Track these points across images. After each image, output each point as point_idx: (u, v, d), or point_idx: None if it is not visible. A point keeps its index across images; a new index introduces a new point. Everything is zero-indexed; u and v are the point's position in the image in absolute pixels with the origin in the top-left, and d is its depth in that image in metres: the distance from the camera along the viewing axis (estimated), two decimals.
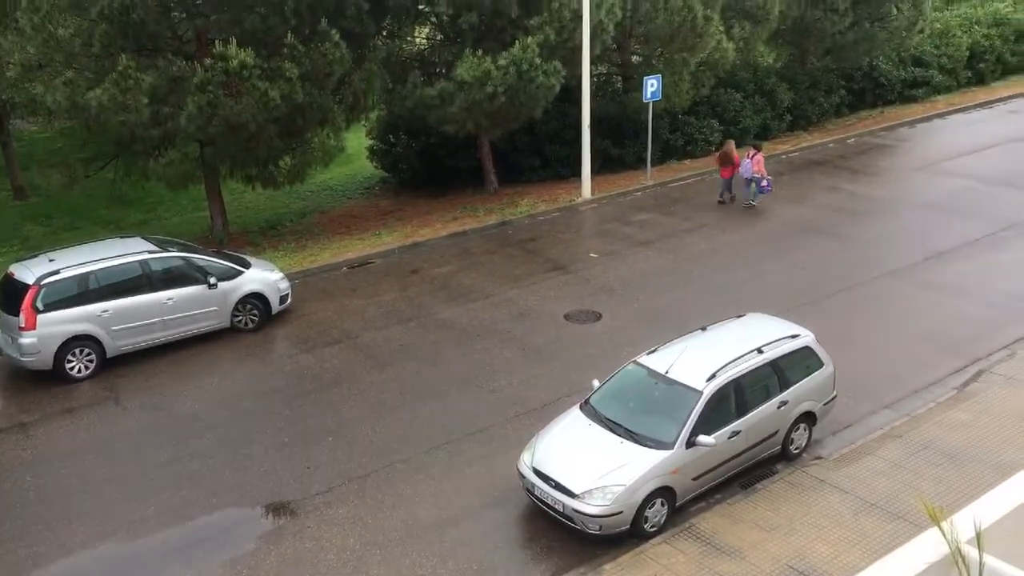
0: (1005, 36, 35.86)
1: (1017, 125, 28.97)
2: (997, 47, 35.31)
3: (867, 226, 20.93)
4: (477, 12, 20.98)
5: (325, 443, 12.92)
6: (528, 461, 11.07)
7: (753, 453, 11.54)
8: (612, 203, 23.32)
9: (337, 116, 21.09)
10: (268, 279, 16.80)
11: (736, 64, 27.25)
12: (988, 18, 36.30)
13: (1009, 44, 35.91)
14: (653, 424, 10.95)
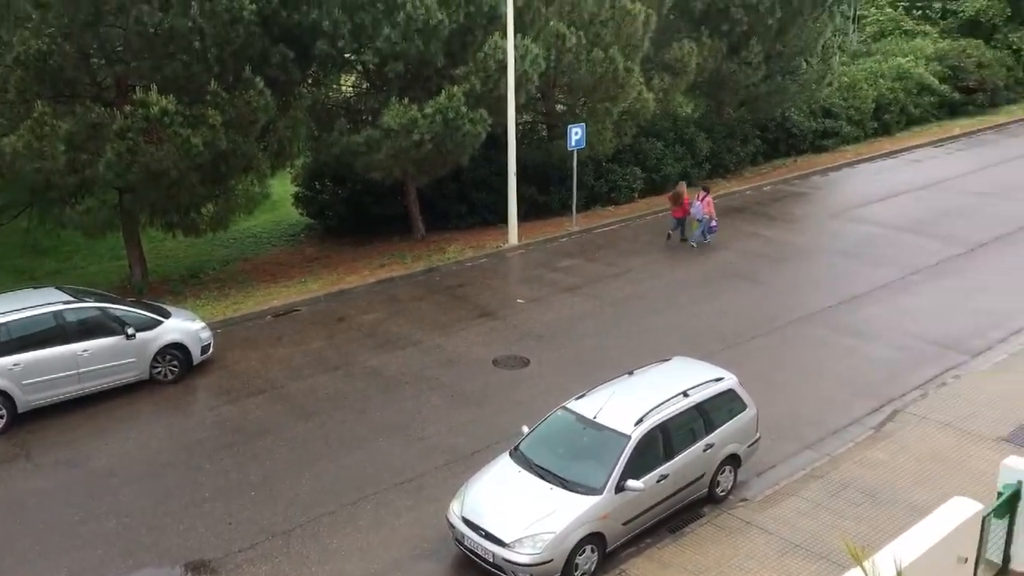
0: (908, 89, 37.75)
1: (921, 174, 30.38)
2: (901, 99, 37.12)
3: (785, 271, 21.59)
4: (403, 61, 21.14)
5: (248, 497, 12.60)
6: (457, 511, 10.98)
7: (681, 496, 11.67)
8: (539, 249, 23.56)
9: (262, 163, 20.90)
10: (189, 329, 16.43)
11: (657, 114, 27.98)
12: (891, 72, 38.17)
13: (912, 97, 37.79)
14: (582, 470, 11.00)
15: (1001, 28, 44.58)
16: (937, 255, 21.97)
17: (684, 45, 27.20)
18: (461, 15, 21.48)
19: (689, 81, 28.25)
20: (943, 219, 25.01)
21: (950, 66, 40.29)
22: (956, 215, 25.38)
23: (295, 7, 20.70)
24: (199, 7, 18.02)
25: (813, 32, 30.63)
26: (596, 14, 24.27)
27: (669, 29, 27.75)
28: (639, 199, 27.82)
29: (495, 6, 21.84)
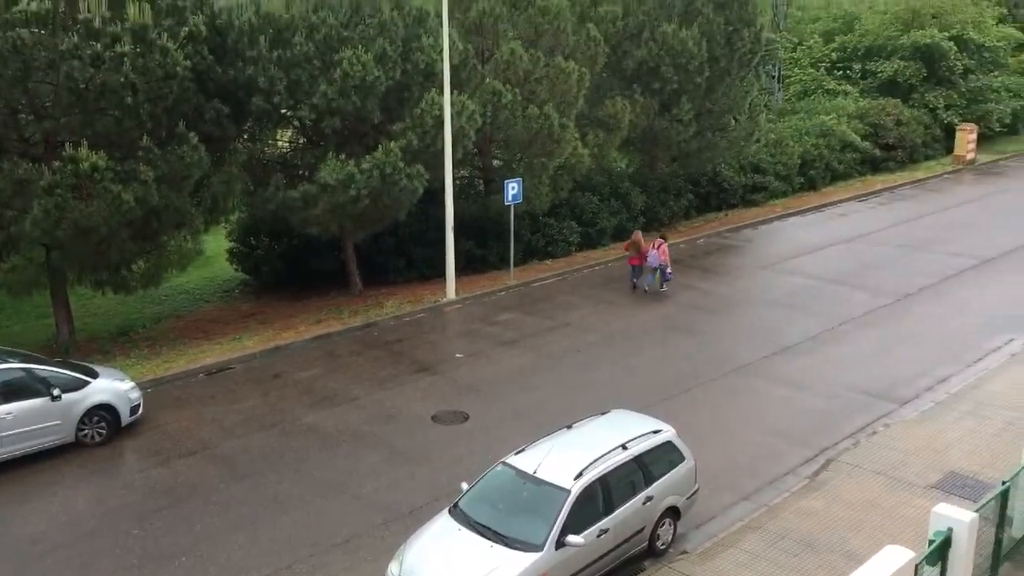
0: (831, 146, 39.12)
1: (847, 227, 31.39)
2: (825, 156, 38.43)
3: (719, 322, 21.98)
4: (340, 117, 21.21)
5: (178, 563, 12.19)
6: (396, 571, 10.77)
7: (622, 551, 11.64)
8: (477, 303, 23.60)
9: (195, 218, 20.64)
10: (118, 389, 15.97)
11: (592, 169, 28.46)
12: (816, 129, 39.57)
13: (835, 153, 39.16)
14: (522, 526, 10.91)
15: (917, 88, 46.67)
16: (864, 306, 22.62)
17: (617, 102, 27.85)
18: (398, 72, 21.70)
19: (623, 137, 28.86)
20: (869, 271, 25.81)
21: (870, 124, 41.95)
22: (881, 267, 26.23)
23: (230, 63, 20.72)
24: (132, 63, 17.87)
25: (740, 91, 31.73)
26: (531, 72, 24.74)
27: (603, 87, 28.41)
28: (576, 253, 28.13)
29: (432, 63, 22.11)
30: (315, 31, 20.81)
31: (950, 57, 46.64)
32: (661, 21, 28.77)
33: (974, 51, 48.30)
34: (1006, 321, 21.36)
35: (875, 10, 52.47)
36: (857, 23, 51.37)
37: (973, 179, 41.16)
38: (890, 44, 48.07)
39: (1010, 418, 15.88)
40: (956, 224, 31.67)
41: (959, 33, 47.71)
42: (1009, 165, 44.84)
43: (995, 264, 26.51)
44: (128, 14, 18.02)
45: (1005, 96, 48.78)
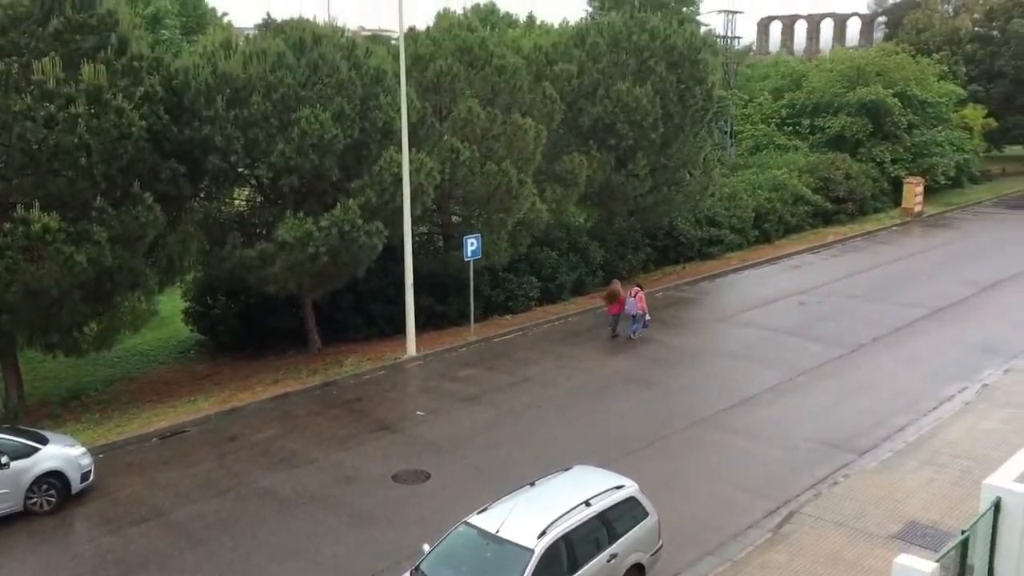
0: (784, 199, 39.99)
1: (801, 279, 31.92)
2: (778, 209, 39.25)
3: (679, 375, 22.07)
4: (298, 175, 21.20)
5: None
6: None
7: None
8: (437, 360, 23.47)
9: (150, 279, 20.38)
10: (68, 455, 15.53)
11: (550, 224, 28.73)
12: (768, 183, 40.46)
13: (788, 206, 40.02)
14: None
15: (864, 143, 48.06)
16: (820, 357, 22.90)
17: (574, 158, 28.26)
18: (356, 130, 21.83)
19: (580, 192, 29.22)
20: (823, 322, 26.20)
21: (821, 178, 43.00)
22: (835, 318, 26.64)
23: (187, 123, 20.68)
24: (86, 124, 17.76)
25: (694, 146, 32.39)
26: (489, 129, 25.05)
27: (559, 143, 28.84)
28: (536, 307, 28.21)
29: (390, 121, 22.28)
30: (273, 90, 20.88)
31: (895, 113, 48.24)
32: (615, 79, 29.39)
33: (918, 107, 50.02)
34: (958, 370, 21.73)
35: (821, 68, 54.26)
36: (804, 81, 53.06)
37: (921, 231, 42.23)
38: (837, 100, 49.61)
39: (966, 467, 16.06)
40: (906, 275, 32.38)
41: (903, 90, 49.43)
42: (955, 217, 46.13)
43: (945, 314, 27.07)
44: (83, 75, 17.93)
45: (949, 150, 50.39)
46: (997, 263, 33.95)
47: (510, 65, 25.92)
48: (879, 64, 51.61)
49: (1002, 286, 30.53)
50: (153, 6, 47.08)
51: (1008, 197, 52.68)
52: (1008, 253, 36.06)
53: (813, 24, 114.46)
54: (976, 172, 55.98)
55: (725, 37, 50.90)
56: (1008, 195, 53.39)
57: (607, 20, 32.48)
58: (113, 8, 19.44)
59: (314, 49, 21.58)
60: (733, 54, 52.40)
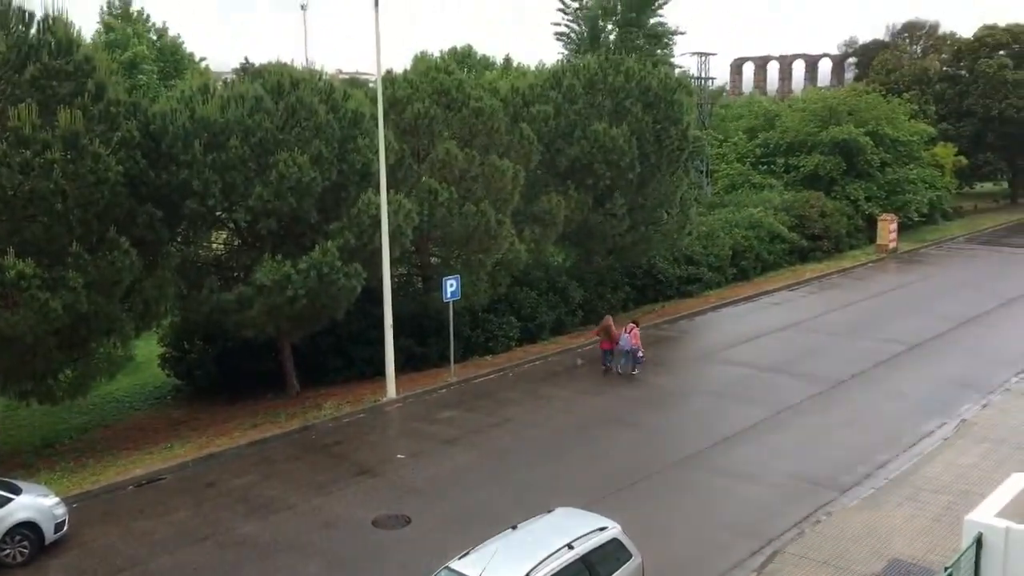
0: (761, 237, 40.36)
1: (780, 316, 32.10)
2: (755, 246, 39.58)
3: (660, 415, 22.03)
4: (276, 218, 21.17)
5: None
6: None
7: None
8: (418, 401, 23.31)
9: (125, 325, 20.16)
10: (41, 505, 15.20)
11: (529, 264, 28.80)
12: (744, 221, 40.83)
13: (765, 244, 40.38)
14: None
15: (839, 181, 48.75)
16: (800, 394, 22.95)
17: (552, 198, 28.43)
18: (334, 172, 21.87)
19: (558, 232, 29.34)
20: (803, 358, 26.31)
21: (796, 215, 43.49)
22: (814, 354, 26.76)
23: (164, 167, 20.64)
24: (62, 169, 17.67)
25: (671, 186, 32.68)
26: (467, 170, 25.18)
27: (537, 183, 29.00)
28: (516, 348, 28.14)
29: (368, 164, 22.35)
30: (251, 134, 20.91)
31: (867, 151, 49.04)
32: (592, 120, 29.70)
33: (889, 145, 50.89)
34: (937, 405, 21.84)
35: (794, 108, 55.17)
36: (778, 120, 53.89)
37: (896, 267, 42.68)
38: (810, 140, 50.40)
39: (947, 502, 16.07)
40: (883, 311, 32.65)
41: (874, 129, 50.32)
42: (929, 253, 46.70)
43: (923, 349, 27.27)
44: (59, 121, 17.89)
45: (921, 187, 51.20)
46: (972, 298, 34.33)
47: (487, 107, 26.14)
48: (850, 104, 52.57)
49: (977, 321, 30.84)
50: (131, 52, 47.32)
51: (980, 233, 53.45)
52: (982, 288, 36.49)
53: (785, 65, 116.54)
54: (949, 209, 56.87)
55: (699, 78, 51.68)
56: (980, 231, 54.19)
57: (583, 62, 32.91)
58: (90, 54, 19.51)
59: (292, 93, 21.67)
60: (707, 94, 53.17)
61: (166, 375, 26.77)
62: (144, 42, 50.38)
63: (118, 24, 50.22)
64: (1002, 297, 34.51)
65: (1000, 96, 61.23)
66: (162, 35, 54.12)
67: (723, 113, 58.76)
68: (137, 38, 49.89)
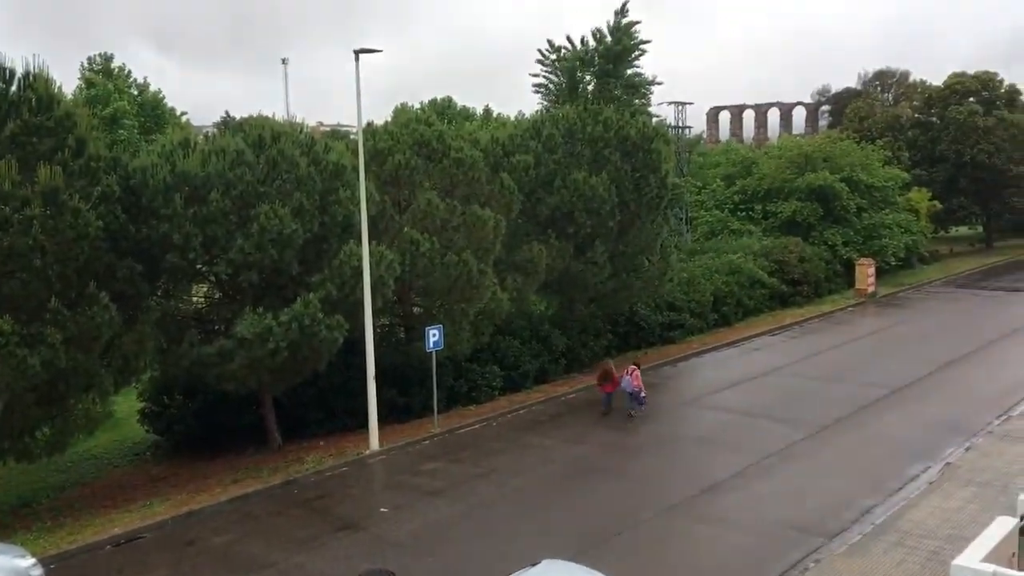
0: (741, 283, 40.64)
1: (763, 361, 32.18)
2: (736, 292, 39.84)
3: (646, 462, 21.92)
4: (257, 271, 21.12)
5: None
6: None
7: None
8: (401, 453, 23.09)
9: (104, 380, 19.94)
10: (17, 567, 14.85)
11: (512, 312, 28.79)
12: (724, 267, 41.14)
13: (745, 289, 40.65)
14: None
15: (816, 226, 49.35)
16: (785, 439, 22.92)
17: (534, 247, 28.54)
18: (316, 224, 21.91)
19: (540, 280, 29.41)
20: (786, 403, 26.33)
21: (775, 261, 43.88)
22: (797, 399, 26.80)
23: (144, 221, 20.60)
24: (41, 225, 17.61)
25: (651, 233, 32.90)
26: (448, 220, 25.28)
27: (519, 232, 29.12)
28: (500, 397, 28.02)
29: (349, 215, 22.41)
30: (232, 187, 20.94)
31: (843, 197, 49.77)
32: (572, 169, 29.96)
33: (865, 191, 51.67)
34: (921, 449, 21.87)
35: (770, 155, 56.01)
36: (755, 167, 54.66)
37: (876, 311, 43.03)
38: (787, 186, 51.12)
39: (935, 547, 16.00)
40: (864, 355, 32.83)
41: (849, 175, 51.13)
42: (908, 296, 47.17)
43: (905, 392, 27.38)
44: (39, 177, 17.87)
45: (897, 232, 51.89)
46: (951, 341, 34.62)
47: (468, 157, 26.35)
48: (825, 151, 53.46)
49: (957, 364, 31.05)
50: (112, 107, 47.49)
51: (957, 276, 54.12)
52: (961, 331, 36.82)
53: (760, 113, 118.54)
54: (925, 253, 57.64)
55: (676, 127, 52.37)
56: (957, 274, 54.86)
57: (561, 112, 33.30)
58: (71, 110, 19.56)
59: (273, 146, 21.77)
60: (685, 143, 53.85)
61: (145, 431, 26.40)
62: (125, 97, 50.62)
63: (99, 80, 50.48)
64: (982, 339, 34.82)
65: (971, 142, 62.51)
66: (143, 90, 54.42)
67: (701, 161, 59.51)
68: (118, 93, 50.14)
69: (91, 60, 54.33)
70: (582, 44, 49.48)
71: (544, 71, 51.52)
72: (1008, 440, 22.34)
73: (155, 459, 25.53)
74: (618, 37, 48.71)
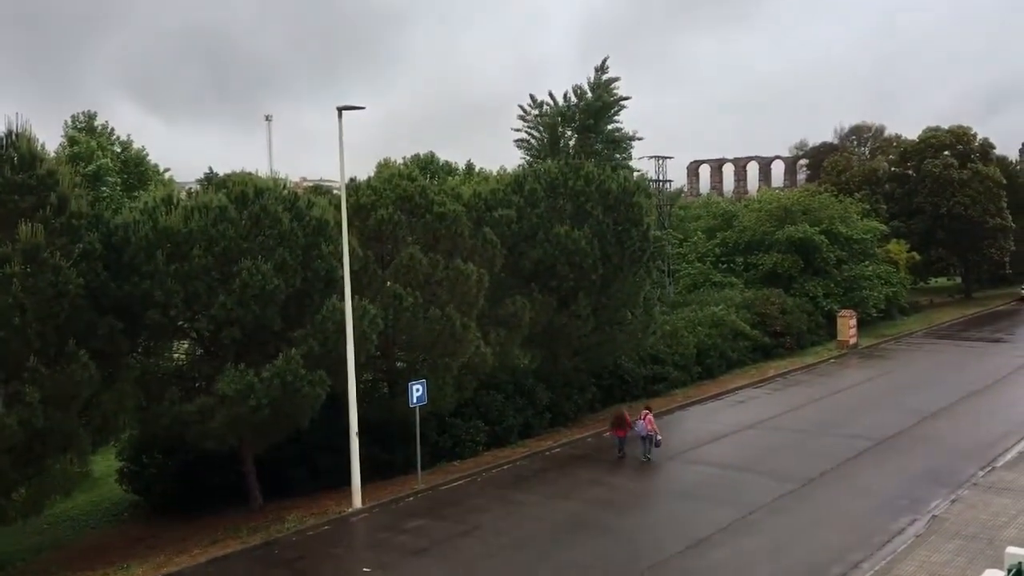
0: (724, 335, 40.74)
1: (747, 414, 32.13)
2: (719, 345, 39.91)
3: (631, 518, 21.70)
4: (239, 327, 21.01)
5: None
6: None
7: None
8: (384, 511, 22.76)
9: (83, 439, 19.63)
10: None
11: (495, 367, 28.65)
12: (707, 320, 41.26)
13: (728, 341, 40.74)
14: None
15: (797, 278, 49.75)
16: (771, 493, 22.78)
17: (517, 300, 28.56)
18: (298, 280, 21.88)
19: (524, 334, 29.36)
20: (772, 456, 26.23)
21: (758, 313, 44.09)
22: (782, 452, 26.72)
23: (126, 278, 20.50)
24: (21, 283, 17.50)
25: (634, 286, 33.03)
26: (431, 275, 25.30)
27: (502, 286, 29.14)
28: (484, 452, 27.77)
29: (332, 270, 22.40)
30: (214, 243, 20.93)
31: (823, 249, 50.28)
32: (554, 223, 30.15)
33: (844, 243, 52.22)
34: (907, 502, 21.79)
35: (750, 208, 56.67)
36: (735, 220, 55.20)
37: (858, 362, 43.18)
38: (767, 238, 51.64)
39: None
40: (848, 406, 32.85)
41: (828, 227, 51.70)
42: (889, 348, 47.40)
43: (889, 444, 27.36)
44: (20, 234, 17.80)
45: (877, 283, 52.39)
46: (934, 392, 34.73)
47: (450, 212, 26.47)
48: (804, 204, 54.15)
49: (941, 415, 31.11)
50: (95, 164, 47.52)
51: (938, 327, 54.51)
52: (943, 382, 36.98)
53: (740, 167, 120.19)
54: (905, 304, 58.09)
55: (657, 181, 52.92)
56: (938, 325, 55.27)
57: (543, 167, 33.61)
58: (53, 168, 19.59)
59: (256, 202, 21.83)
60: (666, 196, 54.36)
61: (124, 490, 25.94)
62: (108, 155, 50.68)
63: (82, 137, 50.57)
64: (964, 390, 34.95)
65: (947, 194, 63.50)
66: (127, 147, 54.54)
67: (682, 214, 60.08)
68: (101, 151, 50.21)
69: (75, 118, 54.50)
70: (564, 100, 50.15)
71: (526, 127, 52.10)
72: (993, 492, 22.31)
73: (133, 520, 25.07)
74: (598, 93, 49.42)
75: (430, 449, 26.34)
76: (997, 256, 65.39)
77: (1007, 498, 21.72)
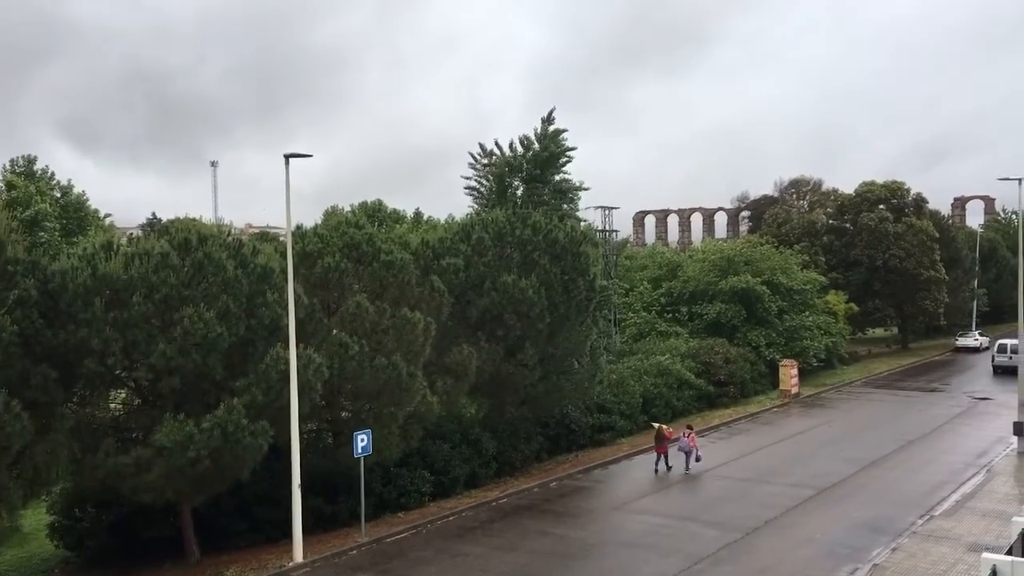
0: (669, 384, 41.04)
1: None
2: (664, 394, 40.18)
3: (576, 570, 21.52)
4: (180, 376, 20.56)
5: None
6: None
7: None
8: (326, 565, 22.26)
9: (13, 493, 18.90)
10: None
11: (442, 416, 28.45)
12: (653, 369, 41.54)
13: (673, 390, 41.04)
14: None
15: (740, 328, 50.49)
16: (716, 543, 22.83)
17: (464, 349, 28.45)
18: (242, 328, 21.55)
19: (470, 383, 29.22)
20: (715, 506, 26.35)
21: (702, 362, 44.55)
22: (726, 501, 26.85)
23: (62, 326, 19.98)
24: None
25: (580, 335, 33.20)
26: (377, 323, 25.11)
27: (449, 335, 29.05)
28: (429, 503, 27.42)
29: (276, 318, 22.12)
30: (155, 291, 20.56)
31: (765, 299, 51.21)
32: (501, 272, 30.27)
33: (785, 293, 53.24)
34: (848, 550, 22.02)
35: (695, 259, 57.58)
36: (680, 270, 56.00)
37: (800, 411, 43.78)
38: (711, 288, 52.42)
39: None
40: (791, 455, 33.22)
41: (770, 278, 52.73)
42: (830, 397, 48.18)
43: (831, 493, 27.69)
44: None
45: (818, 333, 53.36)
46: (873, 440, 35.34)
47: (398, 260, 26.43)
48: (746, 255, 55.22)
49: (881, 463, 31.62)
50: (33, 209, 46.60)
51: (876, 377, 55.60)
52: (882, 431, 37.64)
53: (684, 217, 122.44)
54: (845, 354, 59.23)
55: (604, 231, 53.55)
56: (876, 375, 56.37)
57: (491, 216, 33.80)
58: None
59: (200, 249, 21.55)
60: (612, 246, 54.99)
61: (55, 546, 24.92)
62: (47, 200, 49.75)
63: (20, 182, 49.60)
64: (902, 439, 35.62)
65: (883, 247, 65.29)
66: (66, 192, 53.61)
67: (628, 264, 60.79)
68: (40, 196, 49.27)
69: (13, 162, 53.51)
70: (510, 149, 50.67)
71: (476, 175, 52.46)
72: (932, 540, 22.67)
73: None
74: (545, 144, 50.02)
75: (375, 500, 25.93)
76: (932, 307, 67.15)
77: (945, 547, 22.08)
